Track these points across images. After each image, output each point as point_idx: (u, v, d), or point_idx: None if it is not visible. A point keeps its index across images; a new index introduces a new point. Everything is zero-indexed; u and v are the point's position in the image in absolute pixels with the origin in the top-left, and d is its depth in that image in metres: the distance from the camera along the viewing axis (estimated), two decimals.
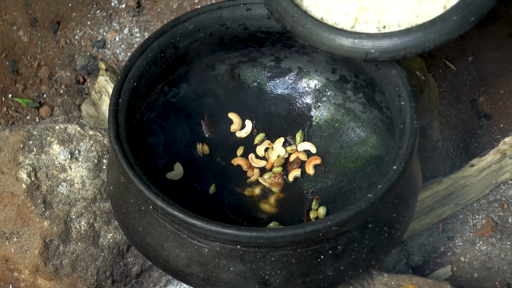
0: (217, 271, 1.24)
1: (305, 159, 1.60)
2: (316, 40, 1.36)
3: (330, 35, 1.34)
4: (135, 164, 1.27)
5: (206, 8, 1.48)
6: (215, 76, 1.62)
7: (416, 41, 1.28)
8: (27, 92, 2.05)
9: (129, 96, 1.37)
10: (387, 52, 1.30)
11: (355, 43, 1.32)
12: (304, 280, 1.24)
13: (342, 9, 1.37)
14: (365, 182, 1.52)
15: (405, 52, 1.29)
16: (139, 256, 1.54)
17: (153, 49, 1.44)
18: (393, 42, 1.30)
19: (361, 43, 1.32)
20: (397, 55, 1.30)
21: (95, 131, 1.60)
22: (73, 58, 2.09)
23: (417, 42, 1.28)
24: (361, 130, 1.56)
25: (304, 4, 1.41)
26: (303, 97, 1.64)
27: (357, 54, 1.33)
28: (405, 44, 1.29)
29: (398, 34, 1.29)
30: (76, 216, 1.51)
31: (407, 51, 1.29)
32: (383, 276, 1.45)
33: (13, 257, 1.50)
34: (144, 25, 2.12)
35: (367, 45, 1.31)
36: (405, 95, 1.31)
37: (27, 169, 1.52)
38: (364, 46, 1.32)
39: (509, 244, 1.67)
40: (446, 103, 1.94)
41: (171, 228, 1.25)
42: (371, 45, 1.31)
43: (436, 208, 1.68)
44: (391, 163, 1.24)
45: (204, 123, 1.63)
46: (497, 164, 1.70)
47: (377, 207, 1.21)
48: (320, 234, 1.17)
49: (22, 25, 2.11)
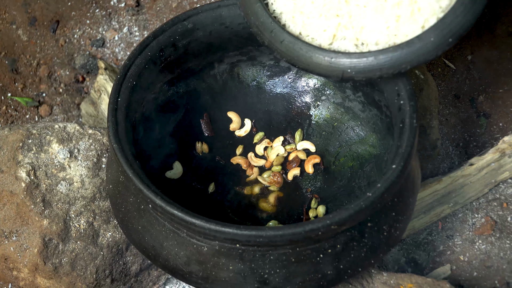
0: (216, 270, 1.24)
1: (304, 158, 1.60)
2: (293, 57, 1.36)
3: (307, 53, 1.33)
4: (134, 163, 1.27)
5: (205, 7, 1.48)
6: (214, 75, 1.62)
7: (392, 61, 1.27)
8: (26, 91, 2.05)
9: (128, 95, 1.37)
10: (363, 72, 1.29)
11: (332, 62, 1.31)
12: (303, 279, 1.24)
13: (320, 26, 1.35)
14: (364, 181, 1.52)
15: (381, 72, 1.28)
16: (138, 255, 1.54)
17: (152, 48, 1.43)
18: (369, 62, 1.28)
19: (337, 62, 1.31)
20: (373, 75, 1.29)
21: (94, 130, 1.60)
22: (72, 57, 2.09)
23: (393, 63, 1.27)
24: (360, 129, 1.56)
25: (282, 19, 1.40)
26: (302, 96, 1.64)
27: (333, 73, 1.32)
28: (381, 65, 1.27)
29: (375, 54, 1.28)
30: (75, 215, 1.51)
31: (383, 72, 1.28)
32: (383, 275, 1.45)
33: (12, 256, 1.50)
34: (143, 24, 2.12)
35: (343, 64, 1.30)
36: (405, 94, 1.31)
37: (26, 168, 1.52)
38: (340, 66, 1.31)
39: (508, 243, 1.67)
40: (446, 102, 1.94)
41: (170, 227, 1.25)
42: (348, 64, 1.30)
43: (435, 207, 1.68)
44: (391, 162, 1.24)
45: (204, 122, 1.63)
46: (496, 163, 1.70)
47: (376, 206, 1.21)
48: (319, 233, 1.17)
49: (21, 24, 2.11)
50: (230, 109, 1.64)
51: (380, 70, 1.28)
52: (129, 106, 1.37)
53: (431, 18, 1.27)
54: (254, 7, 1.39)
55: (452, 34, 1.23)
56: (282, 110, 1.65)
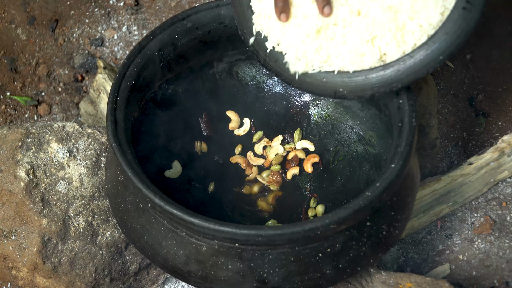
0: (215, 269, 1.24)
1: (303, 157, 1.60)
2: (287, 76, 1.37)
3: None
4: (134, 162, 1.27)
5: (204, 6, 1.48)
6: (213, 74, 1.62)
7: (383, 80, 1.27)
8: (25, 90, 2.05)
9: (128, 94, 1.37)
10: (355, 92, 1.30)
11: (324, 82, 1.33)
12: (302, 278, 1.24)
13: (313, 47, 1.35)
14: (363, 180, 1.52)
15: (373, 91, 1.29)
16: (138, 254, 1.54)
17: (151, 47, 1.43)
18: (361, 81, 1.29)
19: (330, 81, 1.32)
20: (365, 94, 1.30)
21: (93, 129, 1.60)
22: (71, 56, 2.09)
23: (384, 81, 1.27)
24: (359, 128, 1.56)
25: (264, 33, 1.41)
26: (301, 95, 1.64)
27: (326, 92, 1.34)
28: (372, 84, 1.28)
29: (365, 73, 1.28)
30: (74, 214, 1.51)
31: (375, 91, 1.29)
32: (382, 274, 1.45)
33: (11, 255, 1.50)
34: (142, 23, 2.12)
35: (336, 84, 1.31)
36: (404, 93, 1.31)
37: (25, 167, 1.52)
38: (333, 85, 1.32)
39: (507, 242, 1.67)
40: (445, 101, 1.94)
41: (169, 226, 1.25)
42: (340, 84, 1.31)
43: (434, 206, 1.68)
44: (390, 161, 1.24)
45: (202, 121, 1.63)
46: (496, 162, 1.70)
47: (375, 205, 1.21)
48: (318, 232, 1.17)
49: (20, 23, 2.11)
50: (229, 108, 1.64)
51: (372, 89, 1.29)
52: (128, 105, 1.37)
53: (422, 37, 1.25)
54: (249, 24, 1.40)
55: (442, 52, 1.22)
56: (281, 109, 1.65)
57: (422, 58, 1.23)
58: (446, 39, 1.21)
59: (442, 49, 1.22)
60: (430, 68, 1.24)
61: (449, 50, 1.22)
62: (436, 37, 1.22)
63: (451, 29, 1.21)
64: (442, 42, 1.21)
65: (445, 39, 1.21)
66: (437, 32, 1.22)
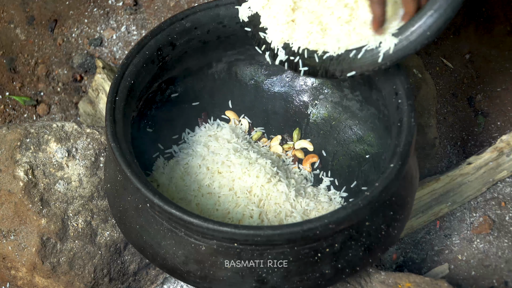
0: (214, 269, 1.24)
1: (302, 157, 1.60)
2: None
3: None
4: (133, 162, 1.27)
5: (203, 6, 1.48)
6: (212, 74, 1.62)
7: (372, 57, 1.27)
8: (24, 90, 2.05)
9: (126, 94, 1.37)
10: (345, 70, 1.30)
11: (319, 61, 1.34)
12: (301, 278, 1.24)
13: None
14: (362, 180, 1.52)
15: (362, 70, 1.28)
16: (136, 254, 1.54)
17: (150, 47, 1.43)
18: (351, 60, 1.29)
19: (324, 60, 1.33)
20: (355, 73, 1.30)
21: (92, 129, 1.60)
22: (70, 56, 2.09)
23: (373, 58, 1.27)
24: (358, 128, 1.56)
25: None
26: (300, 95, 1.64)
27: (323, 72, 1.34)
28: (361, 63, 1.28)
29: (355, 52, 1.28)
30: (73, 214, 1.51)
31: (364, 69, 1.28)
32: (381, 274, 1.45)
33: (10, 255, 1.50)
34: (141, 23, 2.12)
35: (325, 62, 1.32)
36: (402, 93, 1.31)
37: (24, 167, 1.52)
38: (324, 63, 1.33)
39: (506, 242, 1.68)
40: (443, 101, 1.94)
41: (168, 226, 1.25)
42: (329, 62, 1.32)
43: (433, 206, 1.68)
44: (388, 161, 1.24)
45: (202, 121, 1.63)
46: (494, 162, 1.70)
47: (374, 205, 1.21)
48: (317, 232, 1.17)
49: (19, 23, 2.11)
50: (228, 108, 1.64)
51: (361, 67, 1.28)
52: (127, 105, 1.37)
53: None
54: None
55: (429, 28, 1.19)
56: (280, 109, 1.65)
57: (409, 34, 1.22)
58: (433, 14, 1.19)
59: (429, 24, 1.20)
60: (418, 44, 1.22)
61: (437, 26, 1.19)
62: (422, 12, 1.21)
63: (439, 4, 1.19)
64: (429, 17, 1.19)
65: (431, 14, 1.19)
66: (424, 8, 1.21)
